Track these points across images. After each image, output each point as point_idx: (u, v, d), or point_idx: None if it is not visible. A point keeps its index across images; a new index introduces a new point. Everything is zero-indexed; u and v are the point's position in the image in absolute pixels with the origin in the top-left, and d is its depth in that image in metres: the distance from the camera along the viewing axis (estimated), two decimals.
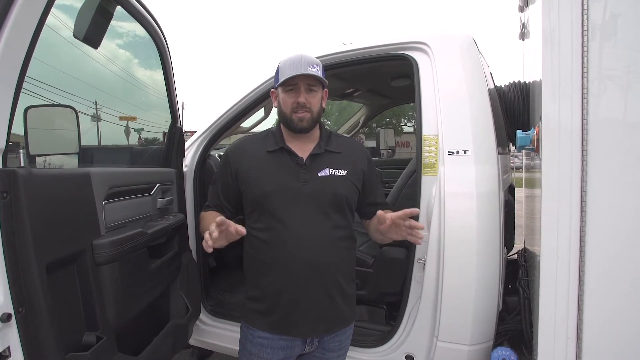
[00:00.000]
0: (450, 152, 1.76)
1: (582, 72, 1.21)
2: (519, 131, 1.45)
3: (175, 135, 2.03)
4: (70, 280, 1.24)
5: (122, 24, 1.64)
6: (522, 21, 3.06)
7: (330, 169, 1.52)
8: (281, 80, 1.48)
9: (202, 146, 2.39)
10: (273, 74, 2.24)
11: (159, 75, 1.88)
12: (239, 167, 1.55)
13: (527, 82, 2.29)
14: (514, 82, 2.41)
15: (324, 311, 1.49)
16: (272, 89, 1.61)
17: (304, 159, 1.52)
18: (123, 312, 1.42)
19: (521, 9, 3.14)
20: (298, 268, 1.44)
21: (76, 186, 1.28)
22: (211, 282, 2.62)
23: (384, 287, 2.14)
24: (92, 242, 1.30)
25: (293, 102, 1.49)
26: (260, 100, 2.31)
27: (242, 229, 1.30)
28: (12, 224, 1.01)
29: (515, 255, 2.74)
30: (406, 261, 2.04)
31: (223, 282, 2.76)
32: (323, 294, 1.48)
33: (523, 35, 3.10)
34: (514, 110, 2.27)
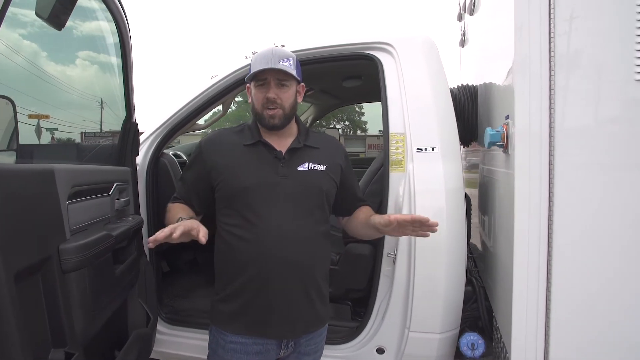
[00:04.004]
0: (419, 150, 1.83)
1: (550, 84, 1.34)
2: (488, 128, 1.54)
3: (130, 131, 1.88)
4: (35, 291, 1.10)
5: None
6: (463, 29, 3.27)
7: (310, 164, 1.50)
8: (250, 74, 1.44)
9: (155, 144, 2.25)
10: (231, 70, 2.21)
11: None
12: (213, 161, 1.49)
13: (474, 85, 2.44)
14: (462, 85, 2.55)
15: (301, 311, 1.46)
16: (247, 85, 1.56)
17: (283, 153, 1.48)
18: (91, 324, 1.28)
19: (460, 18, 3.36)
20: (277, 266, 1.40)
21: (40, 184, 1.13)
22: (163, 288, 2.46)
23: (350, 283, 2.16)
24: (59, 247, 1.16)
25: (263, 98, 1.45)
26: (219, 96, 2.23)
27: (203, 238, 1.24)
28: None
29: None
30: (372, 257, 2.08)
31: (175, 287, 2.61)
32: (301, 294, 1.45)
33: (463, 42, 3.32)
34: (464, 112, 2.42)
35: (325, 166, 1.52)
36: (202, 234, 1.24)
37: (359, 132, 22.90)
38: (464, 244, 1.81)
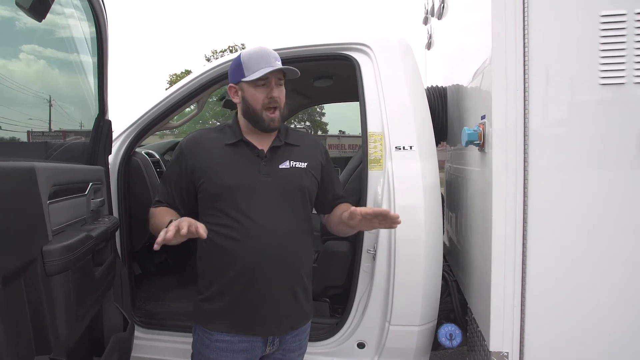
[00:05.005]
0: (397, 148, 1.89)
1: (524, 86, 1.44)
2: (465, 128, 1.61)
3: (103, 129, 1.82)
4: (18, 295, 1.04)
5: None
6: (429, 32, 3.38)
7: (291, 162, 1.52)
8: (255, 75, 1.42)
9: (127, 142, 2.18)
10: (205, 69, 2.17)
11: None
12: (195, 161, 1.48)
13: (444, 87, 2.54)
14: (432, 86, 2.65)
15: (288, 308, 1.47)
16: (231, 85, 1.54)
17: (265, 152, 1.50)
18: (75, 328, 1.23)
19: (426, 22, 3.47)
20: (263, 263, 1.41)
21: (21, 182, 1.08)
22: (135, 292, 2.39)
23: (329, 280, 2.19)
24: (42, 249, 1.11)
25: (265, 98, 1.45)
26: (193, 94, 2.19)
27: (202, 232, 1.21)
28: None
29: None
30: (350, 254, 2.12)
31: (147, 290, 2.54)
32: (287, 290, 1.47)
33: (429, 45, 3.43)
34: (435, 112, 2.50)
35: (306, 164, 1.54)
36: (202, 229, 1.22)
37: (319, 133, 23.08)
38: (440, 239, 1.88)
